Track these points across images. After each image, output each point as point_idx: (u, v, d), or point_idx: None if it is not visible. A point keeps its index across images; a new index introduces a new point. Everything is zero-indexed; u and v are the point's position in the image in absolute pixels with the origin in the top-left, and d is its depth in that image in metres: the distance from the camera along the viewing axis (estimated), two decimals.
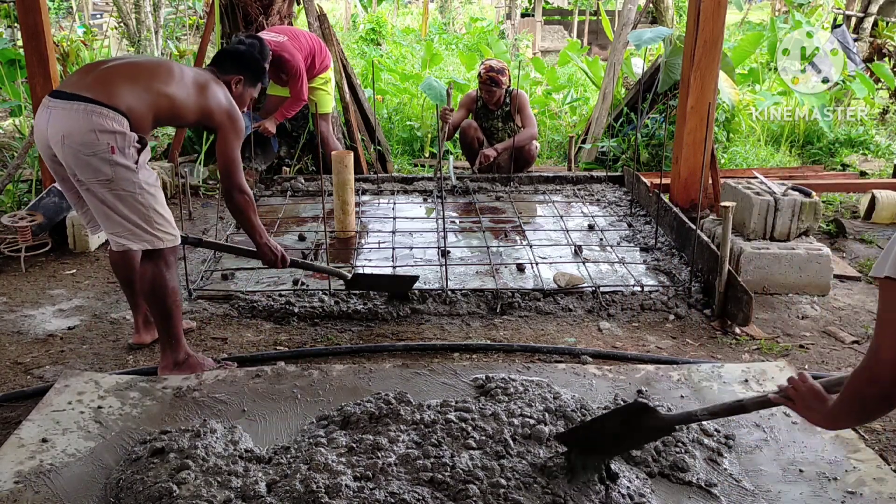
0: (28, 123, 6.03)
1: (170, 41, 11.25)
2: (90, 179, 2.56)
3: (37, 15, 4.36)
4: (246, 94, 3.01)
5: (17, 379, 2.87)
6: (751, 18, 15.63)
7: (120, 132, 2.53)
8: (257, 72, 3.02)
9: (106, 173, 2.54)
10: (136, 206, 2.61)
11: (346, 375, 2.76)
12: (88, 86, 2.56)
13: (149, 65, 2.78)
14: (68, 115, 2.51)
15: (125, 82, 2.60)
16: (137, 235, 2.65)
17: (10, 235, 4.29)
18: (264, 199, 5.27)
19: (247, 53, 3.06)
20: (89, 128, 2.49)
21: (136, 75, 2.65)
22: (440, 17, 20.40)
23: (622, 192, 5.36)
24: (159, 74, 2.68)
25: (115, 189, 2.57)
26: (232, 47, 3.16)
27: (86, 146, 2.50)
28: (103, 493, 2.08)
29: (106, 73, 2.62)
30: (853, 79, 7.42)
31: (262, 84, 3.11)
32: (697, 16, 4.41)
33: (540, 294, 3.57)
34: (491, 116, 5.62)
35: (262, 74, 3.07)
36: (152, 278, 2.71)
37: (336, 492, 1.96)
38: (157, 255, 2.70)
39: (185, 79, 2.73)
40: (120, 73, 2.63)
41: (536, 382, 2.62)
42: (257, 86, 3.06)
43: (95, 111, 2.50)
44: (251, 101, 3.14)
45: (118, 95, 2.56)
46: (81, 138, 2.50)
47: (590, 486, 2.03)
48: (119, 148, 2.53)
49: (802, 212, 3.81)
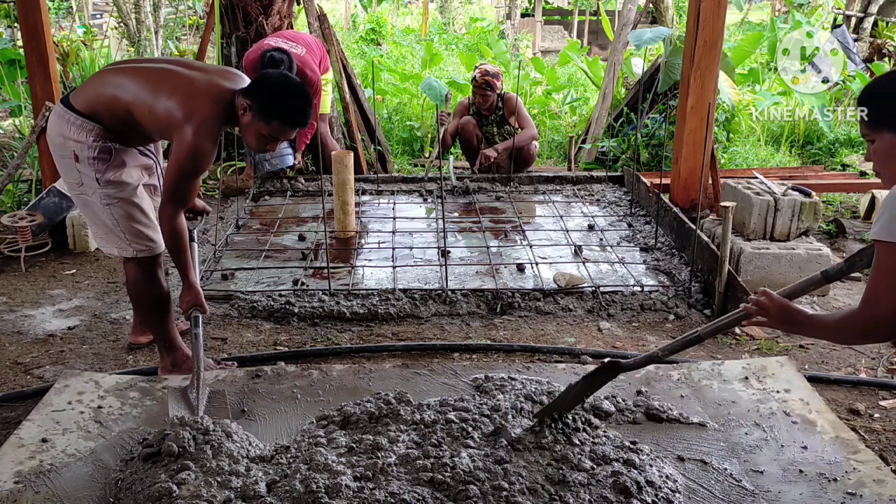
0: (28, 123, 6.03)
1: (170, 41, 11.25)
2: (66, 179, 2.63)
3: (37, 15, 4.35)
4: (251, 128, 2.46)
5: (17, 379, 2.87)
6: (751, 18, 15.63)
7: (81, 141, 2.50)
8: (268, 105, 2.43)
9: (75, 178, 2.58)
10: (103, 216, 2.62)
11: (346, 375, 2.76)
12: (82, 88, 2.59)
13: (149, 72, 2.55)
14: (52, 117, 2.58)
15: (106, 87, 2.51)
16: (107, 241, 2.68)
17: (10, 235, 4.29)
18: (264, 199, 5.27)
19: (269, 77, 2.51)
20: (57, 132, 2.54)
21: (123, 81, 2.51)
22: (440, 17, 20.39)
23: (622, 192, 5.36)
24: (147, 82, 2.48)
25: (83, 195, 2.60)
26: (267, 72, 2.60)
27: (56, 147, 2.57)
28: (103, 493, 2.08)
29: (104, 76, 2.60)
30: (853, 79, 7.42)
31: (276, 124, 2.45)
32: (697, 16, 4.41)
33: (540, 294, 3.57)
34: (485, 122, 5.61)
35: (273, 111, 2.43)
36: (133, 285, 2.74)
37: (336, 492, 1.96)
38: (135, 262, 2.70)
39: (168, 88, 2.43)
40: (115, 77, 2.55)
41: (536, 381, 2.63)
42: (270, 125, 2.44)
43: (65, 116, 2.52)
44: (269, 147, 2.54)
45: (93, 102, 2.50)
46: (53, 139, 2.57)
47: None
48: (80, 157, 2.52)
49: (802, 212, 3.81)
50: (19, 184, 5.09)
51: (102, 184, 2.56)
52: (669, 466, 2.20)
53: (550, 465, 2.14)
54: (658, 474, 2.12)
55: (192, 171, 2.45)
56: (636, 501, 1.99)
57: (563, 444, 2.22)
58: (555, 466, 2.13)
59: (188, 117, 2.40)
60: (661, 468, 2.16)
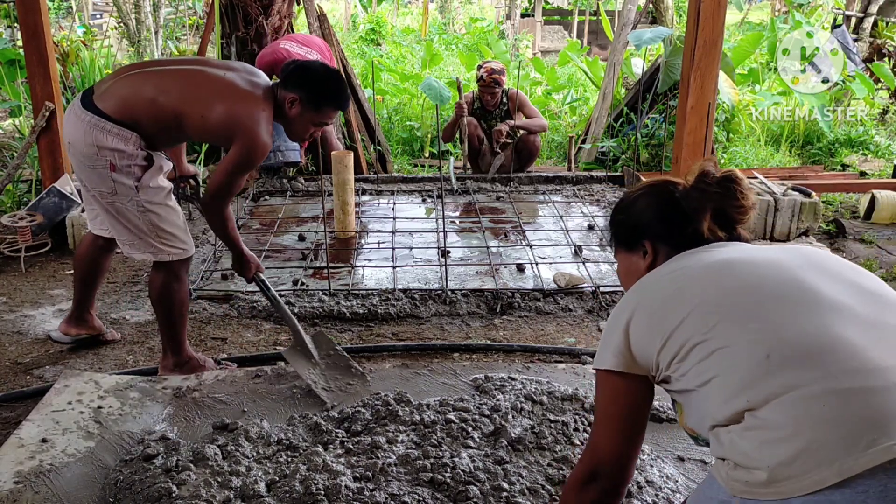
0: (28, 123, 6.03)
1: (170, 41, 11.26)
2: (94, 189, 2.57)
3: (37, 15, 4.35)
4: (302, 118, 2.60)
5: (17, 379, 2.87)
6: (751, 18, 15.63)
7: (120, 150, 2.46)
8: (318, 93, 2.57)
9: (108, 187, 2.52)
10: (138, 223, 2.59)
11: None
12: (109, 92, 2.51)
13: (181, 74, 2.58)
14: (76, 124, 2.49)
15: (144, 93, 2.49)
16: (139, 247, 2.64)
17: (10, 235, 4.28)
18: (264, 199, 5.27)
19: (311, 68, 2.65)
20: (90, 141, 2.46)
21: (161, 85, 2.51)
22: (440, 17, 20.41)
23: (622, 192, 5.35)
24: (188, 86, 2.51)
25: (117, 203, 2.56)
26: (304, 62, 2.77)
27: (87, 158, 2.50)
28: (103, 493, 2.08)
29: (131, 80, 2.55)
30: (853, 79, 7.42)
31: (328, 110, 2.63)
32: (697, 16, 4.41)
33: (540, 294, 3.57)
34: (490, 117, 5.67)
35: (324, 98, 2.59)
36: (160, 288, 2.69)
37: (336, 492, 1.96)
38: (166, 265, 2.68)
39: (214, 93, 2.49)
40: (147, 81, 2.53)
41: (536, 381, 2.62)
42: (321, 112, 2.60)
43: (98, 125, 2.45)
44: (314, 133, 2.70)
45: (131, 108, 2.47)
46: (83, 150, 2.49)
47: None
48: (118, 166, 2.48)
49: (802, 212, 3.81)
50: (19, 184, 5.09)
51: (141, 191, 2.53)
52: (669, 466, 2.20)
53: (551, 465, 2.14)
54: (658, 474, 2.12)
55: (249, 167, 2.56)
56: (636, 501, 1.99)
57: (564, 444, 2.23)
58: (555, 467, 2.13)
59: (250, 122, 2.47)
60: (661, 468, 2.16)
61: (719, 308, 1.30)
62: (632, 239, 1.56)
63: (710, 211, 1.46)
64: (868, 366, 1.16)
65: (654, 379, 1.38)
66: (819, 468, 1.10)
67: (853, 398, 1.13)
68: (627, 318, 1.39)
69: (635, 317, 1.38)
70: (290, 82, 2.57)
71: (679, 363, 1.31)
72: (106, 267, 3.04)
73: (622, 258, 1.61)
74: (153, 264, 2.72)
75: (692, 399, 1.32)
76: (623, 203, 1.62)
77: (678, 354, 1.30)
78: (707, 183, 1.46)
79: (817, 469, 1.10)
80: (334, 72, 2.72)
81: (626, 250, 1.58)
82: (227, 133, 2.50)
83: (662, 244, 1.51)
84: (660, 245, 1.51)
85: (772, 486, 1.14)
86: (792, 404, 1.16)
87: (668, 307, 1.35)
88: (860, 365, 1.16)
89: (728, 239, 1.48)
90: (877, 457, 1.07)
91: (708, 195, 1.46)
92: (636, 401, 1.40)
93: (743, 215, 1.48)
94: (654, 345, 1.34)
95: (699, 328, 1.29)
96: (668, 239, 1.50)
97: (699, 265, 1.40)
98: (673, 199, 1.51)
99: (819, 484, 1.10)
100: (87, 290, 3.02)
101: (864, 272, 1.37)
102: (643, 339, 1.36)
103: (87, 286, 3.01)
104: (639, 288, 1.45)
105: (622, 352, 1.38)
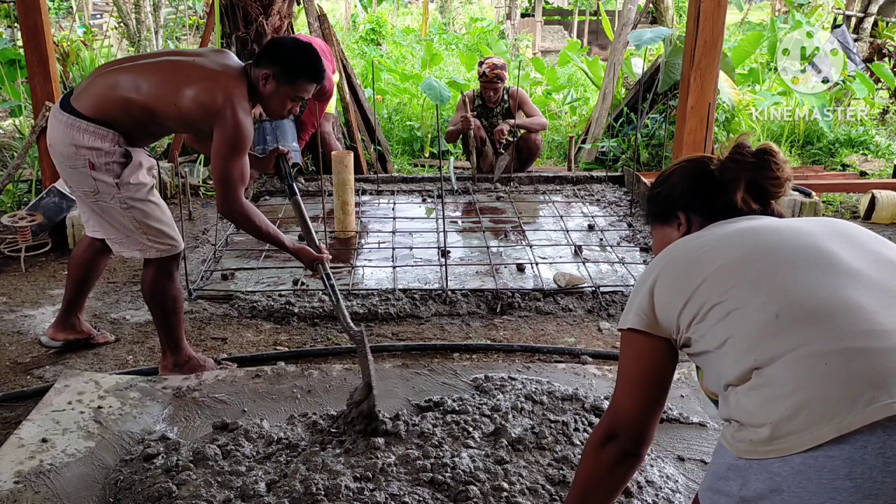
0: (28, 123, 6.03)
1: (170, 41, 11.26)
2: (78, 189, 2.59)
3: (37, 15, 4.35)
4: (278, 94, 2.54)
5: (17, 379, 2.87)
6: (751, 18, 15.64)
7: (97, 148, 2.47)
8: (291, 67, 2.52)
9: (90, 186, 2.54)
10: (123, 220, 2.60)
11: (346, 375, 2.76)
12: (85, 92, 2.53)
13: (152, 68, 2.54)
14: (54, 126, 2.53)
15: (117, 91, 2.49)
16: (127, 245, 2.66)
17: (10, 235, 4.28)
18: (264, 199, 5.27)
19: (282, 43, 2.63)
20: (68, 141, 2.49)
21: (133, 81, 2.50)
22: (440, 17, 20.41)
23: (622, 192, 5.36)
24: (157, 78, 2.49)
25: (100, 202, 2.58)
26: (275, 39, 2.76)
27: (67, 158, 2.52)
28: (103, 493, 2.08)
29: (105, 78, 2.55)
30: (853, 79, 7.42)
31: (303, 83, 2.56)
32: (697, 16, 4.41)
33: (540, 294, 3.57)
34: (490, 114, 5.66)
35: (297, 71, 2.53)
36: (150, 284, 2.71)
37: (336, 492, 1.96)
38: (155, 262, 2.68)
39: (183, 79, 2.46)
40: (119, 79, 2.52)
41: (536, 381, 2.62)
42: (296, 86, 2.54)
43: (75, 125, 2.47)
44: (292, 108, 2.63)
45: (105, 107, 2.48)
46: (62, 150, 2.52)
47: None
48: (97, 164, 2.49)
49: (802, 212, 3.81)
50: (19, 184, 5.09)
51: (122, 188, 2.54)
52: (670, 466, 2.20)
53: (551, 465, 2.14)
54: (658, 474, 2.12)
55: (242, 149, 2.48)
56: (636, 501, 1.99)
57: (564, 444, 2.23)
58: (555, 466, 2.13)
59: (224, 100, 2.43)
60: (661, 468, 2.16)
61: (737, 270, 1.31)
62: (667, 210, 1.58)
63: (745, 182, 1.47)
64: (876, 328, 1.17)
65: (677, 343, 1.40)
66: (819, 423, 1.11)
67: (856, 357, 1.14)
68: (653, 279, 1.41)
69: (660, 278, 1.40)
70: (262, 59, 2.54)
71: (698, 324, 1.32)
72: (101, 269, 3.04)
73: (658, 232, 1.62)
74: (143, 262, 2.72)
75: (710, 361, 1.33)
76: (659, 178, 1.64)
77: (697, 315, 1.32)
78: (742, 154, 1.48)
79: (818, 424, 1.11)
80: (306, 45, 2.63)
81: (662, 223, 1.60)
82: (204, 117, 2.46)
83: (695, 215, 1.53)
84: (693, 216, 1.53)
85: (773, 443, 1.15)
86: (795, 362, 1.17)
87: (691, 269, 1.37)
88: (868, 327, 1.17)
89: (761, 213, 1.49)
90: (876, 413, 1.08)
91: (743, 165, 1.47)
92: (657, 362, 1.41)
93: (778, 188, 1.49)
94: (676, 306, 1.36)
95: (717, 290, 1.31)
96: (701, 209, 1.52)
97: (725, 232, 1.42)
98: (707, 171, 1.53)
99: (818, 439, 1.11)
100: (79, 292, 3.02)
101: (889, 244, 1.38)
102: (666, 300, 1.38)
103: (80, 288, 3.01)
104: (667, 252, 1.47)
105: (646, 312, 1.40)
